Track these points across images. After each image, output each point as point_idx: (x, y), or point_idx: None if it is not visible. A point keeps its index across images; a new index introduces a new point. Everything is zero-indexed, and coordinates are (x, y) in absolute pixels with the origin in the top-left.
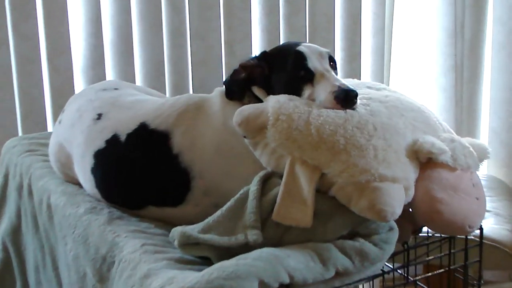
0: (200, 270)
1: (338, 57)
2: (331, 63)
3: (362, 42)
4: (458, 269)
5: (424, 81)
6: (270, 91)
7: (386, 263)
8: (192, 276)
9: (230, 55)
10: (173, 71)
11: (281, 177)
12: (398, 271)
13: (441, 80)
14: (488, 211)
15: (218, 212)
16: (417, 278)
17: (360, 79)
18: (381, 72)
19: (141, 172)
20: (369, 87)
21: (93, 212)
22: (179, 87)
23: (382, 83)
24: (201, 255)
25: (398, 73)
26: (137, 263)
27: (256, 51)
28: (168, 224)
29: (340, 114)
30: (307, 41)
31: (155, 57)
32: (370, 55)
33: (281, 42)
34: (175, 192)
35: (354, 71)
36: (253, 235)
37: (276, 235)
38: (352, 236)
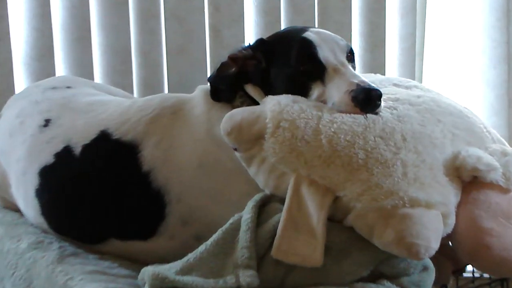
0: None
1: (356, 46)
2: (348, 55)
3: (387, 26)
4: None
5: (467, 76)
6: (269, 90)
7: None
8: None
9: (217, 43)
10: (143, 64)
11: (282, 201)
12: None
13: (490, 75)
14: None
15: (202, 247)
16: None
17: (384, 74)
18: (412, 64)
19: (101, 195)
20: (396, 85)
21: (39, 247)
22: (150, 85)
23: (413, 79)
24: None
25: (433, 66)
26: None
27: (250, 38)
28: (136, 262)
29: (359, 120)
30: (316, 26)
31: (120, 45)
32: (398, 42)
33: (283, 27)
34: (145, 221)
35: (377, 63)
36: (246, 277)
37: (277, 276)
38: (375, 278)
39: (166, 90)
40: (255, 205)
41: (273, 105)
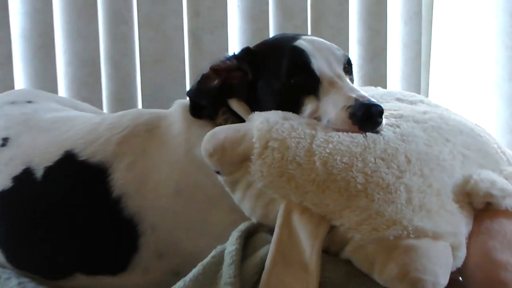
0: None
1: (354, 55)
2: (345, 66)
3: (389, 33)
4: None
5: (479, 89)
6: (256, 105)
7: None
8: None
9: (197, 52)
10: (114, 75)
11: (271, 231)
12: None
13: (505, 87)
14: None
15: (180, 283)
16: None
17: (386, 88)
18: (417, 76)
19: (65, 223)
20: (399, 100)
21: None
22: (122, 99)
23: (418, 92)
24: None
25: (441, 78)
26: None
27: (234, 47)
28: None
29: (358, 139)
30: (309, 33)
31: (87, 54)
32: (401, 51)
33: (272, 34)
34: (115, 254)
35: (377, 75)
36: None
37: None
38: None
39: (139, 105)
40: (240, 236)
41: (261, 122)
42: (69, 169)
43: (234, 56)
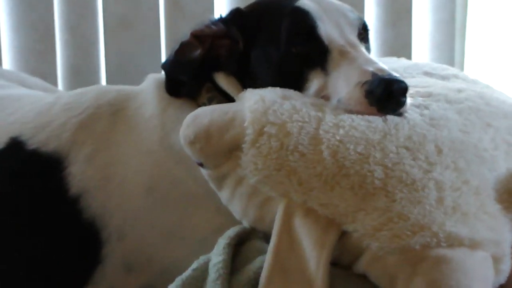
0: None
1: (372, 18)
2: (360, 31)
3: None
4: None
5: None
6: (248, 81)
7: None
8: None
9: (174, 14)
10: (70, 42)
11: (268, 238)
12: None
13: None
14: None
15: None
16: None
17: (411, 59)
18: (450, 44)
19: (9, 227)
20: (428, 74)
21: None
22: (81, 72)
23: (452, 64)
24: None
25: (480, 46)
26: None
27: (221, 8)
28: None
29: (376, 124)
30: None
31: (38, 16)
32: (430, 13)
33: None
34: (74, 267)
35: (401, 43)
36: None
37: None
38: None
39: (103, 81)
40: (228, 244)
41: (255, 102)
42: (14, 160)
43: (221, 19)
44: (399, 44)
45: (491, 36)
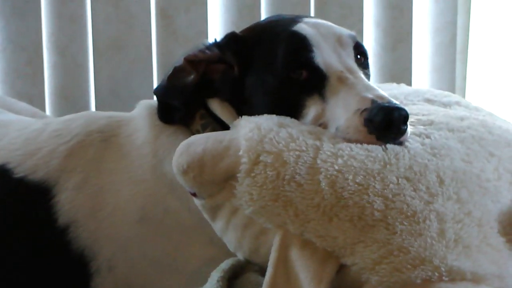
0: None
1: (371, 42)
2: (358, 57)
3: (415, 12)
4: None
5: None
6: (243, 107)
7: None
8: None
9: (167, 36)
10: (59, 64)
11: (263, 271)
12: None
13: None
14: None
15: None
16: None
17: (411, 84)
18: (451, 69)
19: None
20: (429, 101)
21: None
22: (69, 97)
23: (453, 90)
24: None
25: (482, 70)
26: None
27: (215, 31)
28: None
29: (376, 153)
30: (312, 14)
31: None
32: (431, 36)
33: (264, 16)
34: None
35: (401, 67)
36: None
37: None
38: None
39: (92, 105)
40: (222, 277)
41: (250, 130)
42: (1, 189)
43: (216, 43)
44: (399, 67)
45: (493, 60)
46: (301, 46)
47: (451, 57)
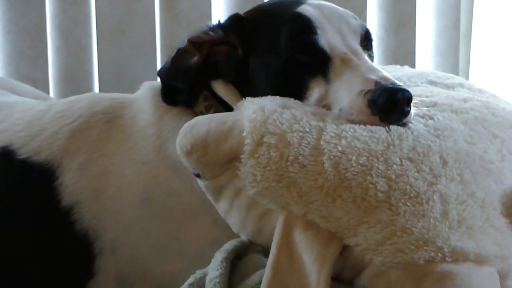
0: None
1: (374, 24)
2: (363, 39)
3: (417, 5)
4: None
5: None
6: (247, 89)
7: None
8: None
9: (170, 19)
10: (63, 48)
11: (266, 252)
12: None
13: None
14: None
15: None
16: None
17: (414, 67)
18: (454, 51)
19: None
20: (432, 83)
21: None
22: (73, 79)
23: (456, 72)
24: None
25: (485, 53)
26: None
27: (219, 13)
28: None
29: (379, 134)
30: None
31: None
32: (434, 19)
33: None
34: (65, 280)
35: (404, 50)
36: None
37: None
38: None
39: (96, 87)
40: (226, 258)
41: (254, 111)
42: (4, 170)
43: (219, 25)
44: (402, 51)
45: (497, 42)
46: (305, 27)
47: (454, 40)
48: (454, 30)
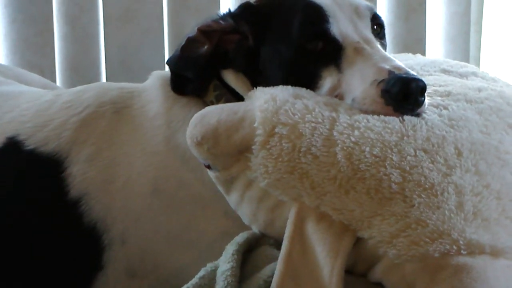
0: None
1: (384, 11)
2: (375, 27)
3: None
4: None
5: None
6: (258, 78)
7: None
8: None
9: (179, 7)
10: (70, 35)
11: (279, 244)
12: None
13: None
14: None
15: None
16: None
17: (425, 54)
18: (465, 39)
19: (6, 232)
20: (446, 71)
21: None
22: (80, 68)
23: (467, 60)
24: None
25: (496, 41)
26: None
27: (227, 3)
28: None
29: (393, 125)
30: None
31: (36, 7)
32: (445, 6)
33: None
34: (74, 273)
35: (414, 37)
36: None
37: None
38: None
39: (103, 76)
40: (237, 251)
41: (265, 101)
42: (11, 161)
43: (230, 13)
44: (412, 38)
45: (507, 30)
46: (317, 16)
47: (465, 27)
48: (465, 16)
